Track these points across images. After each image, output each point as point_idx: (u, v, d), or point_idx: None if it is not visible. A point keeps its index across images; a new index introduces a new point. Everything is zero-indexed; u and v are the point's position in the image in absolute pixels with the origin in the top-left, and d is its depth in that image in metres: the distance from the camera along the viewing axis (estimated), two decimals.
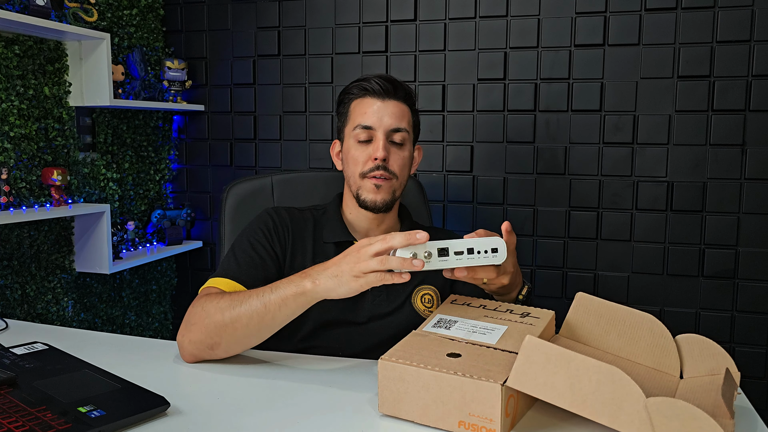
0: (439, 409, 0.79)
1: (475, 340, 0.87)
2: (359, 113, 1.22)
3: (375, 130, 1.20)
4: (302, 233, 1.24)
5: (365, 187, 1.20)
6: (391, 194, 1.22)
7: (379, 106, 1.21)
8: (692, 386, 0.84)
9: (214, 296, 1.04)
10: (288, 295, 0.97)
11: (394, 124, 1.21)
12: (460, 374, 0.77)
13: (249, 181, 1.50)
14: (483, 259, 0.93)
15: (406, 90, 1.25)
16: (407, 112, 1.25)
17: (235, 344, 1.03)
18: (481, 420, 0.76)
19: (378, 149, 1.18)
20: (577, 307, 0.96)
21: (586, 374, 0.72)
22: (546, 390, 0.74)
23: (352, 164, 1.22)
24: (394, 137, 1.21)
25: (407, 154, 1.24)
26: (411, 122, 1.26)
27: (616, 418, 0.70)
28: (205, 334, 1.01)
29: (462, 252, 0.92)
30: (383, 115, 1.20)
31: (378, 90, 1.21)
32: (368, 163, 1.20)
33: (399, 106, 1.22)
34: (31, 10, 1.78)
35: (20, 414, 0.78)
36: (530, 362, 0.74)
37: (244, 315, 0.99)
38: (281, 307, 0.98)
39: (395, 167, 1.21)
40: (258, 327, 1.00)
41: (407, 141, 1.24)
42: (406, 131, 1.23)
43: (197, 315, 1.03)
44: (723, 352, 0.87)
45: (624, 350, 0.92)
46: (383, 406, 0.83)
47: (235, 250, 1.19)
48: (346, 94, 1.27)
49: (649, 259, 2.07)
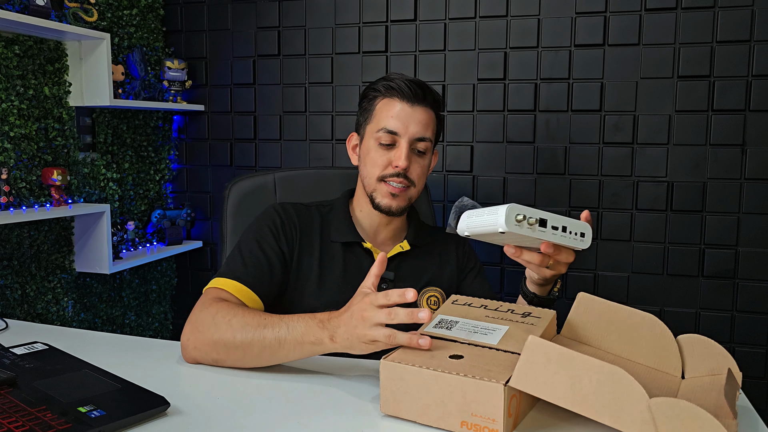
0: (440, 409, 0.78)
1: (477, 341, 0.87)
2: (385, 115, 1.19)
3: (399, 136, 1.18)
4: (309, 231, 1.22)
5: (381, 191, 1.19)
6: (406, 201, 1.21)
7: (407, 111, 1.18)
8: (694, 386, 0.84)
9: (226, 309, 1.01)
10: (306, 341, 0.94)
11: (420, 133, 1.18)
12: (462, 374, 0.77)
13: (251, 179, 1.49)
14: (572, 241, 0.91)
15: (435, 97, 1.22)
16: (433, 120, 1.22)
17: (240, 364, 1.01)
18: (484, 420, 0.76)
19: (400, 158, 1.17)
20: (579, 307, 0.96)
21: (587, 374, 0.72)
22: (547, 390, 0.74)
23: (371, 165, 1.20)
24: (417, 146, 1.19)
25: (427, 162, 1.23)
26: (435, 131, 1.23)
27: (618, 418, 0.70)
28: (211, 348, 1.00)
29: (557, 228, 0.89)
30: (410, 122, 1.18)
31: (408, 93, 1.18)
32: (388, 168, 1.18)
33: (426, 113, 1.20)
34: (31, 10, 1.78)
35: (20, 414, 0.78)
36: (532, 362, 0.74)
37: (256, 344, 0.96)
38: (296, 350, 0.95)
39: (414, 176, 1.20)
40: (269, 359, 0.98)
41: (429, 150, 1.22)
42: (430, 141, 1.21)
43: (206, 324, 1.00)
44: (724, 351, 0.87)
45: (625, 350, 0.92)
46: (385, 406, 0.83)
47: (241, 249, 1.16)
48: (372, 90, 1.23)
49: (649, 259, 2.07)
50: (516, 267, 2.18)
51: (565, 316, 0.98)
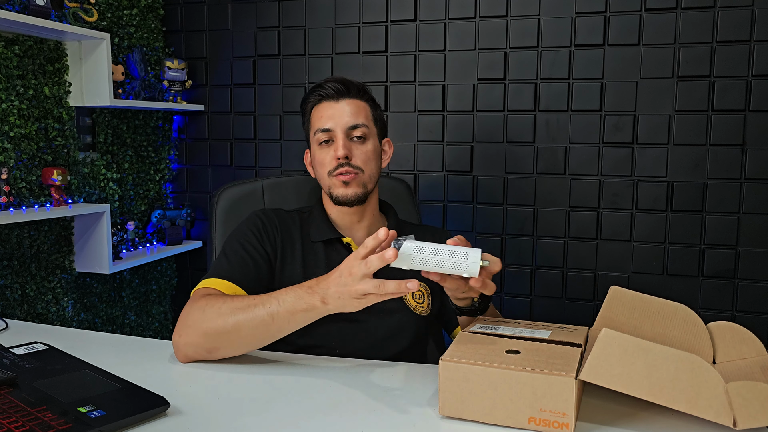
0: (508, 407, 0.78)
1: (528, 335, 0.87)
2: (317, 118, 1.26)
3: (333, 130, 1.23)
4: (290, 233, 1.26)
5: (334, 185, 1.23)
6: (361, 187, 1.24)
7: (334, 107, 1.24)
8: (726, 370, 0.87)
9: (214, 299, 1.04)
10: (297, 309, 0.97)
11: (351, 122, 1.23)
12: (530, 370, 0.77)
13: (239, 185, 1.51)
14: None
15: (359, 87, 1.28)
16: (364, 107, 1.27)
17: (235, 350, 1.04)
18: (554, 414, 0.76)
19: (338, 148, 1.21)
20: (611, 300, 0.98)
21: (664, 363, 0.74)
22: (622, 381, 0.76)
23: (319, 167, 1.26)
24: (353, 134, 1.24)
25: (371, 147, 1.26)
26: (371, 116, 1.28)
27: (695, 404, 0.73)
28: (204, 338, 1.01)
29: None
30: (338, 115, 1.23)
31: (331, 93, 1.25)
32: (332, 162, 1.23)
33: (353, 103, 1.25)
34: (31, 10, 1.78)
35: (20, 414, 0.78)
36: (606, 354, 0.76)
37: (248, 323, 0.99)
38: (290, 321, 0.98)
39: (359, 162, 1.23)
40: (263, 336, 1.01)
41: (369, 135, 1.26)
42: (365, 126, 1.25)
43: (195, 317, 1.02)
44: (753, 336, 0.90)
45: (658, 339, 0.93)
46: (445, 408, 0.82)
47: (226, 252, 1.19)
48: (305, 103, 1.30)
49: (649, 259, 2.07)
50: (516, 266, 2.18)
51: (565, 316, 0.98)
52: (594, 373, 0.76)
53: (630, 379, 0.75)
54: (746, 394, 0.71)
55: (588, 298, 2.13)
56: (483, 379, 0.79)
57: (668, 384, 0.74)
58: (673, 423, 0.80)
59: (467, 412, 0.81)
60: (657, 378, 0.74)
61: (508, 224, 2.19)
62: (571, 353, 0.81)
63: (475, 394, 0.80)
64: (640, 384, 0.75)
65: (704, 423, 0.77)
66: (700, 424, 0.78)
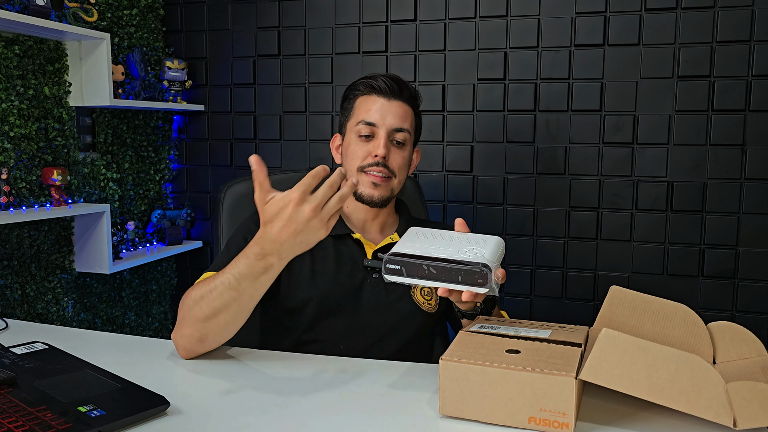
0: (508, 406, 0.78)
1: (528, 335, 0.87)
2: (364, 109, 1.24)
3: (378, 127, 1.22)
4: None
5: (363, 182, 1.22)
6: (388, 192, 1.23)
7: (384, 104, 1.23)
8: (726, 370, 0.87)
9: (192, 289, 1.03)
10: (255, 273, 0.93)
11: (397, 124, 1.22)
12: (530, 369, 0.77)
13: (246, 181, 1.50)
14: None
15: (411, 92, 1.27)
16: (410, 113, 1.26)
17: (222, 333, 1.01)
18: (554, 414, 0.76)
19: (379, 146, 1.20)
20: (611, 300, 0.98)
21: (664, 363, 0.74)
22: (622, 381, 0.76)
23: (351, 158, 1.24)
24: (395, 137, 1.23)
25: (407, 154, 1.26)
26: (413, 124, 1.28)
27: (695, 404, 0.73)
28: (192, 327, 1.00)
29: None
30: (387, 114, 1.22)
31: (384, 89, 1.23)
32: (368, 159, 1.21)
33: (403, 106, 1.25)
34: (31, 10, 1.78)
35: (20, 414, 0.78)
36: (606, 354, 0.76)
37: (221, 306, 0.96)
38: (256, 287, 0.95)
39: (394, 166, 1.23)
40: (240, 311, 0.97)
41: (408, 142, 1.26)
42: (408, 132, 1.25)
43: (182, 311, 1.02)
44: (753, 336, 0.90)
45: (658, 339, 0.93)
46: (445, 407, 0.82)
47: (229, 246, 1.19)
48: (351, 90, 1.29)
49: (649, 259, 2.07)
50: (516, 266, 2.18)
51: (565, 316, 0.98)
52: (594, 373, 0.76)
53: (630, 379, 0.75)
54: (746, 394, 0.71)
55: (588, 298, 2.13)
56: (483, 378, 0.79)
57: (668, 384, 0.74)
58: (673, 423, 0.80)
59: (467, 412, 0.81)
60: (657, 378, 0.74)
61: (508, 224, 2.19)
62: (571, 353, 0.81)
63: (475, 394, 0.80)
64: (640, 384, 0.75)
65: (704, 423, 0.77)
66: (700, 424, 0.78)
